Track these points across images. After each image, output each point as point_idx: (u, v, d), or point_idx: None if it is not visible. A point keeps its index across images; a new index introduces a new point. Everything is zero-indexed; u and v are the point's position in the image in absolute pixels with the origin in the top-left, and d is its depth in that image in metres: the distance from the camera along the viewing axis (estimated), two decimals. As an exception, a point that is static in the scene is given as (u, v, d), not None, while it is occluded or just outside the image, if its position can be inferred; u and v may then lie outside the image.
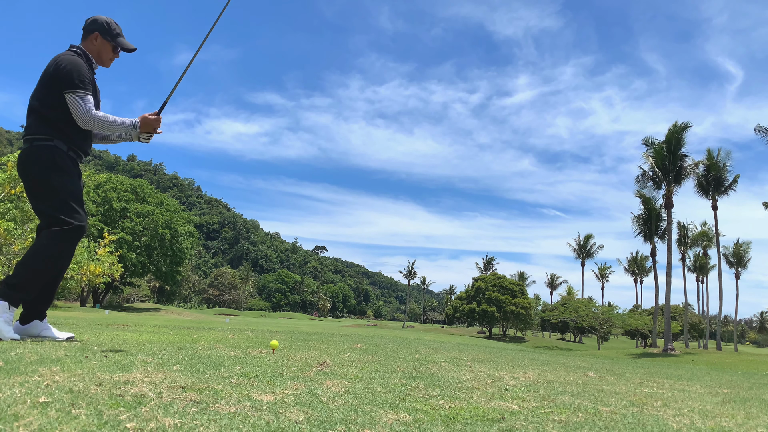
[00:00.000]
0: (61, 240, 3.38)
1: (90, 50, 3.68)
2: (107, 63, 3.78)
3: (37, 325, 3.61)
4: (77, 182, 3.55)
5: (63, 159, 3.45)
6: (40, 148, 3.42)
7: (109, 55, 3.76)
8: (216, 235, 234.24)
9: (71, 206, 3.43)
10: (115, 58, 3.81)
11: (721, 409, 2.61)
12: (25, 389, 1.75)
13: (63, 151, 3.46)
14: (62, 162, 3.44)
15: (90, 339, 3.86)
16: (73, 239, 3.44)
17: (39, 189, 3.43)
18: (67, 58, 3.49)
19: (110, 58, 3.77)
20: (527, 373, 3.79)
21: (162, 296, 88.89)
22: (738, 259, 62.87)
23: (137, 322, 8.79)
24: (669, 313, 39.31)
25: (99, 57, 3.72)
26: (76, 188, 3.51)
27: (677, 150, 39.73)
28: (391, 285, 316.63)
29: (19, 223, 14.97)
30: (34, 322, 3.61)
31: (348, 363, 3.47)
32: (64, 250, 3.41)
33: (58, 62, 3.46)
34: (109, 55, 3.75)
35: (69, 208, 3.41)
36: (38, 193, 3.45)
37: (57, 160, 3.42)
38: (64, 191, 3.42)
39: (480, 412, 2.07)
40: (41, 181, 3.41)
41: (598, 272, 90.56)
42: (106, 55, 3.74)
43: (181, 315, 54.16)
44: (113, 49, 3.75)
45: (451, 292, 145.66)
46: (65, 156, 3.47)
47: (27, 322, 3.59)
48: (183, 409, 1.67)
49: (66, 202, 3.41)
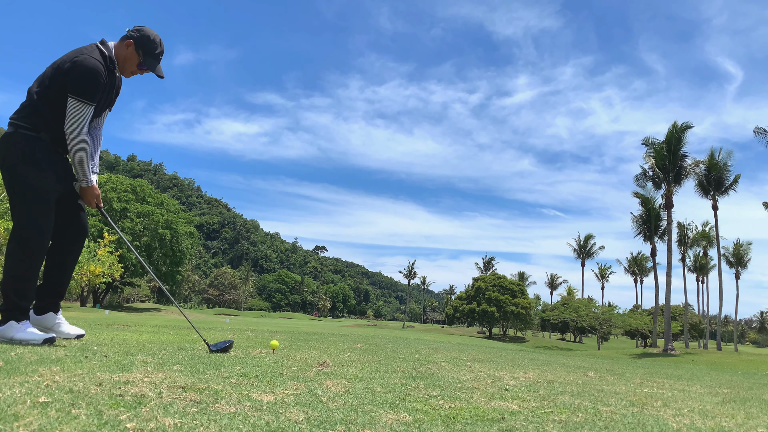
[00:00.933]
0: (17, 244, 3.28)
1: (118, 54, 3.51)
2: (127, 74, 3.60)
3: (51, 317, 3.59)
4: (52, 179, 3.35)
5: (43, 152, 3.30)
6: (19, 136, 3.28)
7: (133, 68, 3.57)
8: (216, 235, 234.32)
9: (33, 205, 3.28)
10: (137, 74, 3.62)
11: (721, 409, 2.61)
12: (25, 389, 1.75)
13: (45, 144, 3.32)
14: (40, 155, 3.29)
15: (90, 339, 3.86)
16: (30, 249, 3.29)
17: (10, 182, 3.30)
18: (86, 62, 3.29)
19: (132, 71, 3.59)
20: (527, 373, 3.79)
21: (162, 296, 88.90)
22: (738, 259, 62.87)
23: (137, 322, 8.79)
24: (669, 313, 39.32)
25: (123, 64, 3.55)
26: (47, 185, 3.32)
27: (677, 150, 39.75)
28: (391, 285, 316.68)
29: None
30: (48, 313, 3.59)
31: (348, 363, 3.47)
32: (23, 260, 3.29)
33: (76, 64, 3.28)
34: (132, 68, 3.57)
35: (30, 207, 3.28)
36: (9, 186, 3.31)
37: (36, 153, 3.28)
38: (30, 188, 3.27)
39: (480, 412, 2.07)
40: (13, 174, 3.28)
41: (598, 272, 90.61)
42: (130, 67, 3.56)
43: (181, 315, 54.14)
44: (138, 65, 3.57)
45: (451, 292, 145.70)
46: (47, 149, 3.33)
47: (41, 314, 3.58)
48: (183, 409, 1.67)
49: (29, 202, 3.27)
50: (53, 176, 3.37)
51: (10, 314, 3.27)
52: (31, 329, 3.31)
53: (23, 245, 3.29)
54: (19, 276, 3.29)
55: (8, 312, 3.27)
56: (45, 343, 3.23)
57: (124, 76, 3.66)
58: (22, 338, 3.23)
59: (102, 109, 3.64)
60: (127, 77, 3.67)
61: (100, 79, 3.33)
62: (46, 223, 3.34)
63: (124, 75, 3.63)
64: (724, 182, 42.98)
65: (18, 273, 3.29)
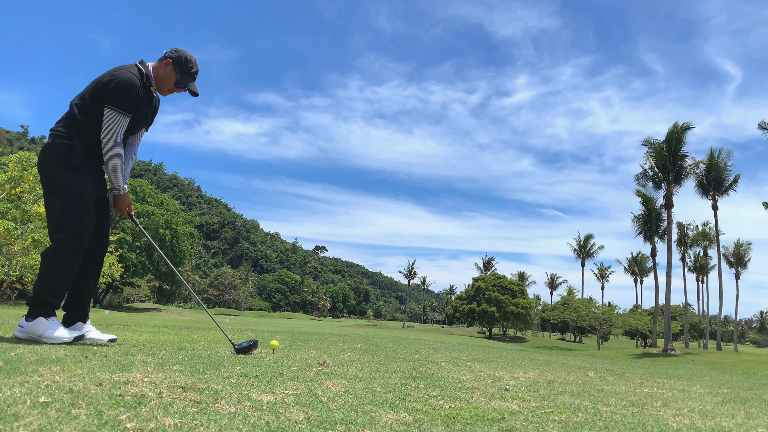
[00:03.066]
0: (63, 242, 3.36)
1: (157, 73, 3.67)
2: (165, 92, 3.75)
3: (80, 327, 3.63)
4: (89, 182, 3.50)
5: (79, 159, 3.44)
6: (57, 145, 3.43)
7: (170, 86, 3.72)
8: (216, 235, 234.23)
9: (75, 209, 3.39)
10: (175, 92, 3.77)
11: (721, 409, 2.61)
12: (25, 389, 1.75)
13: (80, 152, 3.45)
14: (77, 161, 3.43)
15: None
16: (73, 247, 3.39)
17: (52, 188, 3.42)
18: (123, 76, 3.46)
19: (169, 89, 3.74)
20: (527, 373, 3.79)
21: (162, 296, 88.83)
22: (738, 259, 62.87)
23: (137, 322, 8.79)
24: (669, 313, 39.30)
25: (161, 83, 3.70)
26: (88, 187, 3.47)
27: (677, 150, 39.73)
28: (391, 285, 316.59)
29: (19, 223, 14.96)
30: (77, 324, 3.63)
31: (348, 363, 3.47)
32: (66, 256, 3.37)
33: (114, 77, 3.44)
34: (170, 86, 3.72)
35: (75, 209, 3.38)
36: (50, 191, 3.43)
37: (73, 160, 3.42)
38: (73, 191, 3.40)
39: (480, 412, 2.07)
40: (54, 180, 3.40)
41: (598, 272, 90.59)
42: (167, 85, 3.71)
43: (181, 315, 54.16)
44: (176, 83, 3.72)
45: (451, 292, 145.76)
46: (82, 157, 3.46)
47: (70, 325, 3.62)
48: (183, 409, 1.67)
49: (73, 205, 3.38)
50: (89, 181, 3.52)
51: (40, 309, 3.30)
52: (61, 327, 3.35)
53: (68, 244, 3.36)
54: (59, 274, 3.35)
55: (38, 307, 3.30)
56: (75, 342, 3.30)
57: (162, 95, 3.81)
58: (51, 336, 3.27)
59: (138, 125, 3.76)
60: (165, 95, 3.81)
61: (136, 92, 3.50)
62: (89, 224, 3.46)
63: (161, 93, 3.78)
64: (723, 182, 42.98)
65: (59, 271, 3.35)
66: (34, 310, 3.30)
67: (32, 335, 3.27)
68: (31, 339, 3.28)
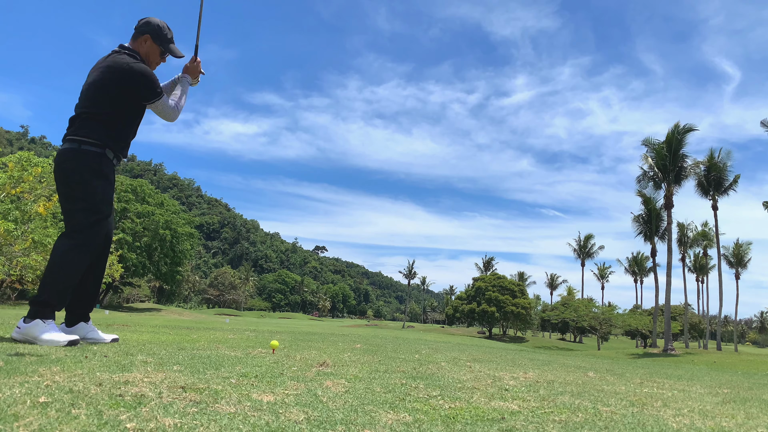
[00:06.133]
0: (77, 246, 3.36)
1: (142, 52, 3.63)
2: (153, 66, 3.73)
3: (82, 327, 3.63)
4: (112, 193, 3.60)
5: (108, 167, 3.49)
6: (89, 153, 3.41)
7: (156, 60, 3.71)
8: (216, 235, 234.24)
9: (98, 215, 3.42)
10: (161, 63, 3.76)
11: (721, 409, 2.61)
12: (25, 389, 1.75)
13: (109, 160, 3.49)
14: (107, 170, 3.48)
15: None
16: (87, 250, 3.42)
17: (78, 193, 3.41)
18: (137, 67, 3.46)
19: (156, 62, 3.73)
20: (527, 373, 3.78)
21: (162, 296, 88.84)
22: (738, 259, 62.83)
23: (137, 323, 8.79)
24: (669, 313, 39.29)
25: (146, 60, 3.66)
26: (111, 196, 3.56)
27: (678, 150, 39.72)
28: (391, 285, 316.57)
29: (19, 223, 14.96)
30: (79, 324, 3.63)
31: (348, 363, 3.47)
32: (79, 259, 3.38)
33: (130, 69, 3.43)
34: (156, 59, 3.70)
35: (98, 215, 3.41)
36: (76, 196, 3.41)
37: (103, 168, 3.44)
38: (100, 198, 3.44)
39: (480, 412, 2.07)
40: (84, 186, 3.40)
41: (598, 272, 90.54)
42: (154, 59, 3.69)
43: (181, 315, 54.17)
44: (161, 54, 3.70)
45: (451, 293, 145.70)
46: (111, 165, 3.51)
47: (72, 325, 3.62)
48: (183, 409, 1.67)
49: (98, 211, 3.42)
50: (112, 190, 3.59)
51: (40, 309, 3.28)
52: (56, 330, 3.32)
53: (83, 248, 3.37)
54: (67, 275, 3.35)
55: (39, 306, 3.28)
56: (69, 345, 3.26)
57: (151, 69, 3.77)
58: (46, 339, 3.23)
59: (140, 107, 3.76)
60: (153, 69, 3.77)
61: (151, 72, 3.56)
62: (104, 230, 3.49)
63: (150, 68, 3.74)
64: (723, 182, 42.97)
65: (68, 271, 3.34)
66: (34, 310, 3.29)
67: (28, 337, 3.25)
68: (27, 341, 3.26)
